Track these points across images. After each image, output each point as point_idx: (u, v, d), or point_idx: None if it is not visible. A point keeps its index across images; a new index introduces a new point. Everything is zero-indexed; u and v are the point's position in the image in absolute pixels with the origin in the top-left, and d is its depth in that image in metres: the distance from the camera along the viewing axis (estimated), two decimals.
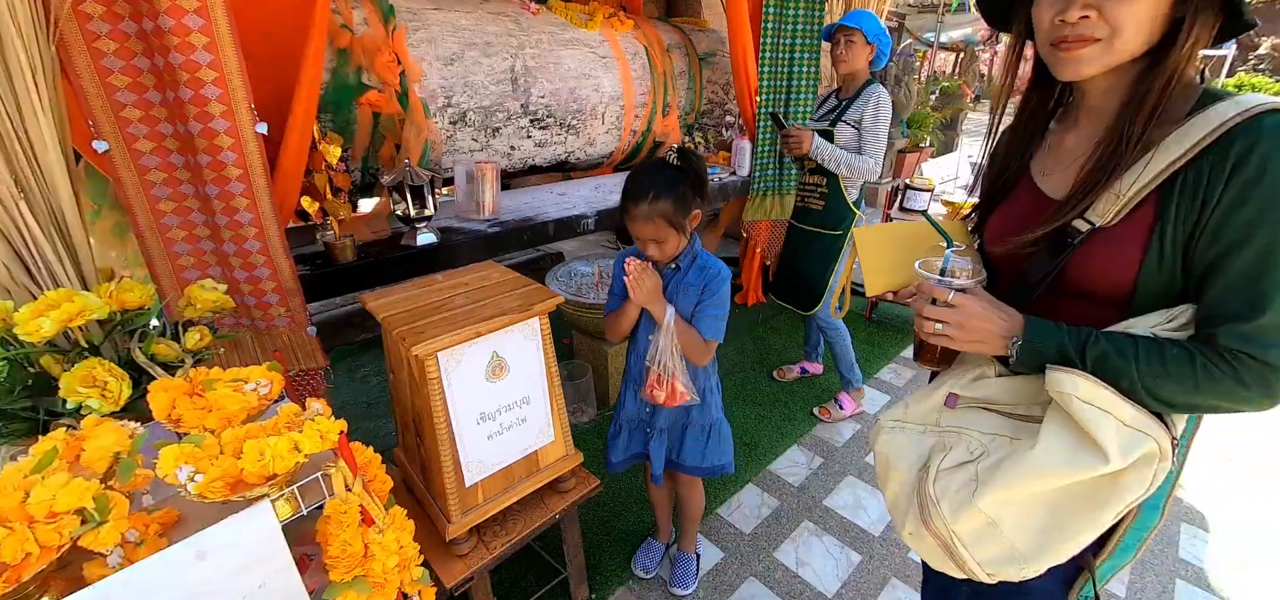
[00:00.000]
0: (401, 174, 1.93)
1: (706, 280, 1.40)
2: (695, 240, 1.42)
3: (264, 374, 1.04)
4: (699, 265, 1.41)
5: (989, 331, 0.78)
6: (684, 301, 1.41)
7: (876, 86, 2.18)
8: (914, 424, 0.93)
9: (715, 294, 1.40)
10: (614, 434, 1.61)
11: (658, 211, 1.30)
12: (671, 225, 1.31)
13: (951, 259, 0.84)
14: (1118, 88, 0.76)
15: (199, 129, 1.52)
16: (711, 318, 1.40)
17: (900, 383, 2.90)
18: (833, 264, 2.34)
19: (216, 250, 1.64)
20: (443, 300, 1.22)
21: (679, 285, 1.42)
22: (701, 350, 1.41)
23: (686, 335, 1.39)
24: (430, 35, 2.31)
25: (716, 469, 1.59)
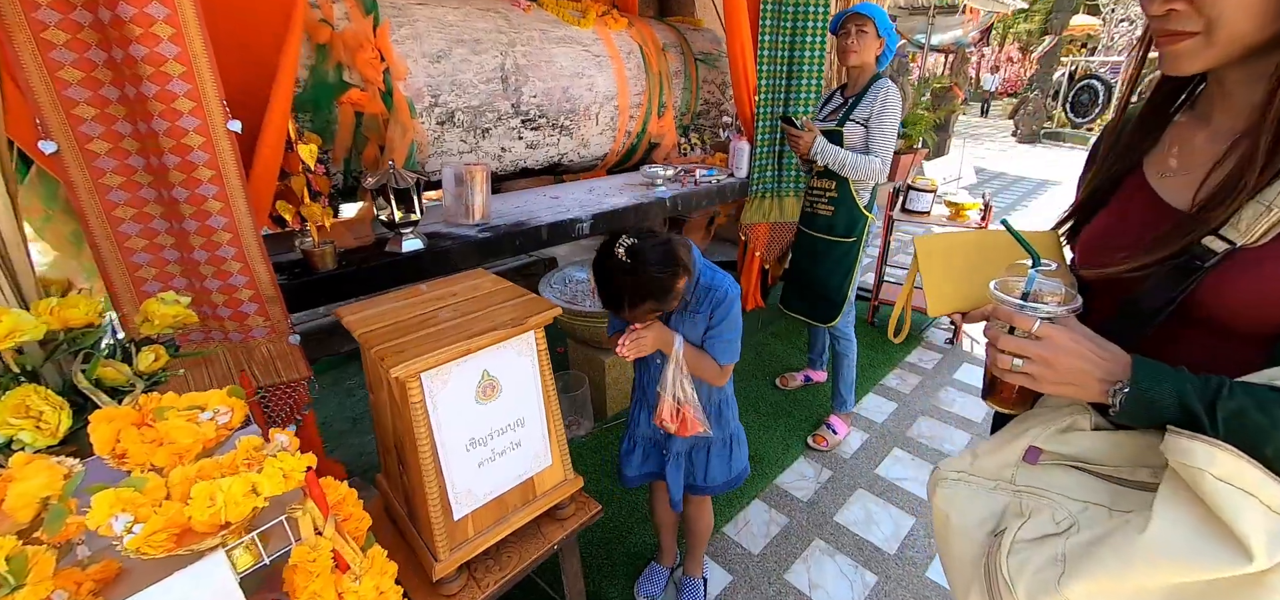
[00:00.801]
0: (385, 176, 1.81)
1: (714, 302, 1.30)
2: (696, 261, 1.30)
3: (224, 400, 0.93)
4: (703, 286, 1.31)
5: (1084, 372, 0.63)
6: (692, 327, 1.32)
7: (885, 81, 2.09)
8: (984, 478, 0.78)
9: (726, 316, 1.30)
10: (628, 449, 1.53)
11: (642, 312, 1.22)
12: (661, 309, 1.24)
13: (1037, 280, 0.70)
14: (1260, 75, 0.60)
15: (165, 127, 1.40)
16: (725, 341, 1.31)
17: (906, 390, 2.81)
18: (850, 272, 2.24)
19: (183, 259, 1.52)
20: (427, 314, 1.11)
21: (684, 313, 1.33)
22: (717, 374, 1.33)
23: (700, 363, 1.31)
24: (416, 31, 2.19)
25: (740, 477, 1.53)
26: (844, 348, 2.38)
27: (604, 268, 1.19)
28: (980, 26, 12.82)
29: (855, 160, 2.08)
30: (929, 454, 2.35)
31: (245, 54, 1.64)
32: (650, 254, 1.15)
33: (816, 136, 2.11)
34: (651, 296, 1.18)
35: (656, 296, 1.18)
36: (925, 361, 3.08)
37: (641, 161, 3.44)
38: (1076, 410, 0.71)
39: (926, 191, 3.07)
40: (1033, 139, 12.07)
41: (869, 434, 2.48)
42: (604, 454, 2.31)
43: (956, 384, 2.87)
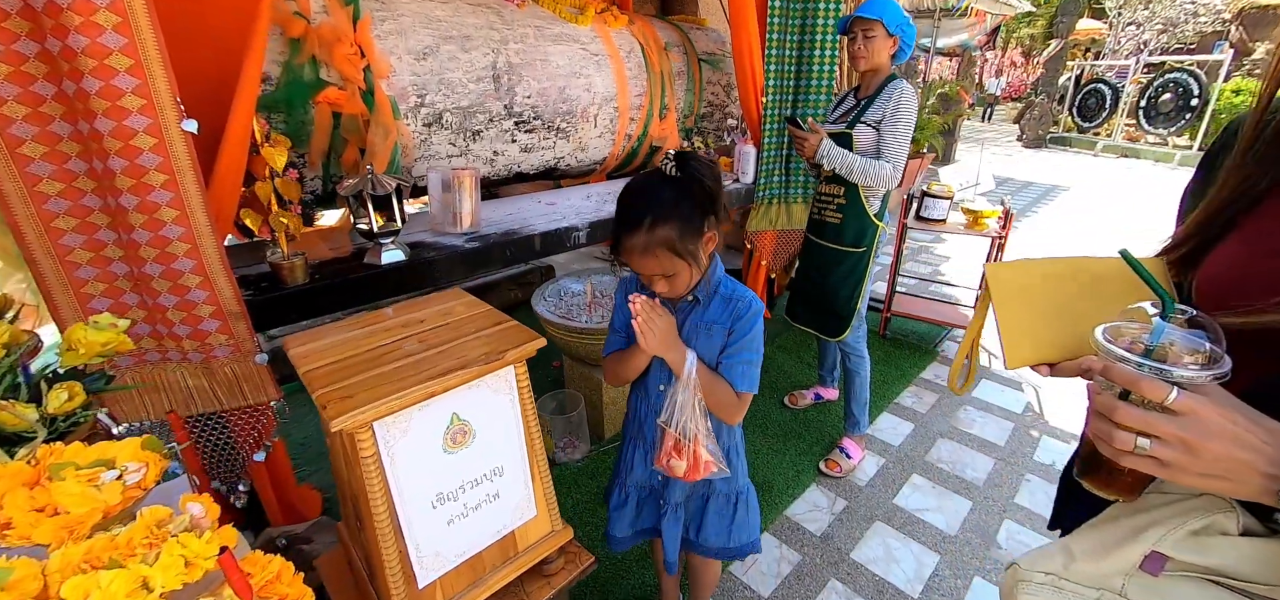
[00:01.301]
0: (362, 182, 1.66)
1: (734, 315, 1.11)
2: (716, 265, 1.15)
3: (136, 454, 0.77)
4: (723, 296, 1.13)
5: (1242, 463, 0.47)
6: (706, 343, 1.13)
7: (899, 82, 1.94)
8: (1083, 586, 0.61)
9: (746, 333, 1.11)
10: (618, 503, 1.32)
11: (660, 241, 1.01)
12: (680, 255, 1.03)
13: (1167, 330, 0.52)
14: None
15: (110, 127, 1.26)
16: (744, 364, 1.11)
17: (923, 409, 2.65)
18: (859, 284, 2.09)
19: (133, 273, 1.37)
20: (387, 346, 0.95)
21: (699, 323, 1.13)
22: (733, 406, 1.13)
23: (713, 388, 1.10)
24: (400, 26, 2.05)
25: (744, 549, 1.30)
26: (856, 364, 2.22)
27: (641, 180, 1.06)
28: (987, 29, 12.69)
29: (864, 165, 1.93)
30: (950, 481, 2.19)
31: (206, 48, 1.50)
32: (700, 164, 1.03)
33: (823, 139, 1.96)
34: (679, 220, 1.00)
35: (681, 225, 1.00)
36: (941, 377, 2.92)
37: (642, 166, 3.29)
38: (1217, 506, 0.54)
39: (943, 198, 2.92)
40: (1039, 144, 11.90)
41: (885, 458, 2.32)
42: (600, 480, 2.16)
43: (976, 403, 2.71)
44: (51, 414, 0.88)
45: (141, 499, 0.76)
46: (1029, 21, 18.10)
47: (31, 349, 1.38)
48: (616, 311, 1.22)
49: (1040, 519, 2.03)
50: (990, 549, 1.90)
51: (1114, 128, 11.10)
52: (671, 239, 1.01)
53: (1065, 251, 4.43)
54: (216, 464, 1.62)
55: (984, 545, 1.91)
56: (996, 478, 2.23)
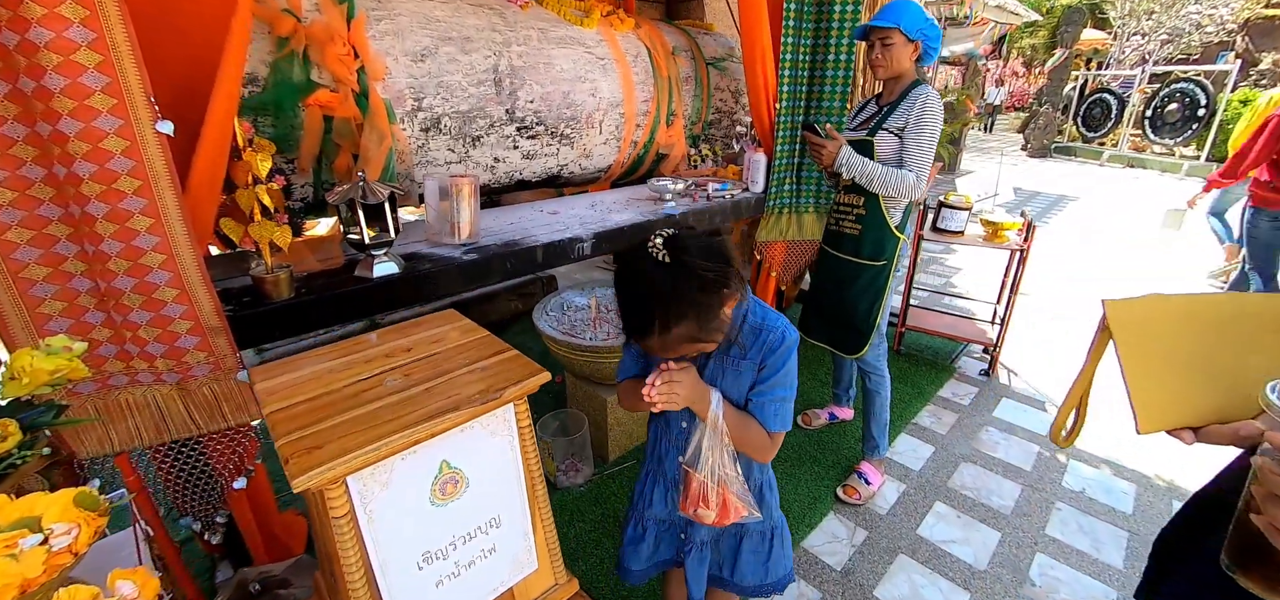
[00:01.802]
0: (352, 189, 1.54)
1: (766, 348, 1.00)
2: (747, 294, 1.02)
3: (66, 513, 0.65)
4: (752, 327, 1.01)
5: None
6: (734, 380, 1.02)
7: (924, 87, 1.83)
8: None
9: (779, 369, 1.00)
10: (634, 537, 1.20)
11: (677, 339, 0.89)
12: (702, 340, 0.92)
13: None
14: None
15: (77, 128, 1.15)
16: (777, 403, 1.00)
17: (942, 430, 2.53)
18: (879, 299, 1.97)
19: (99, 288, 1.26)
20: (367, 381, 0.83)
21: (725, 358, 1.02)
22: (765, 448, 1.02)
23: (742, 430, 1.00)
24: (396, 26, 1.94)
25: (782, 583, 1.20)
26: (875, 384, 2.10)
27: (631, 270, 0.91)
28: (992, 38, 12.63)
29: (885, 174, 1.82)
30: (976, 509, 2.07)
31: (181, 44, 1.39)
32: (696, 249, 0.88)
33: (842, 146, 1.85)
34: (694, 315, 0.87)
35: (700, 317, 0.88)
36: (960, 396, 2.80)
37: (648, 174, 3.18)
38: None
39: (961, 209, 2.80)
40: (1043, 153, 11.82)
41: (905, 484, 2.19)
42: (605, 505, 2.03)
43: (998, 423, 2.58)
44: None
45: (71, 566, 0.65)
46: (1031, 31, 18.09)
47: None
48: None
49: (1073, 552, 1.90)
50: (1022, 587, 1.77)
51: (1119, 138, 11.02)
52: (686, 334, 0.90)
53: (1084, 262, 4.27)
54: (191, 495, 1.50)
55: (1016, 582, 1.78)
56: (1024, 506, 2.10)
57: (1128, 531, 2.00)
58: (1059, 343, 3.41)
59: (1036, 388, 2.90)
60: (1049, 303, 4.00)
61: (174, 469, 1.46)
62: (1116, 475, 2.28)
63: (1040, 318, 3.73)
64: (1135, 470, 2.31)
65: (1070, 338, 3.48)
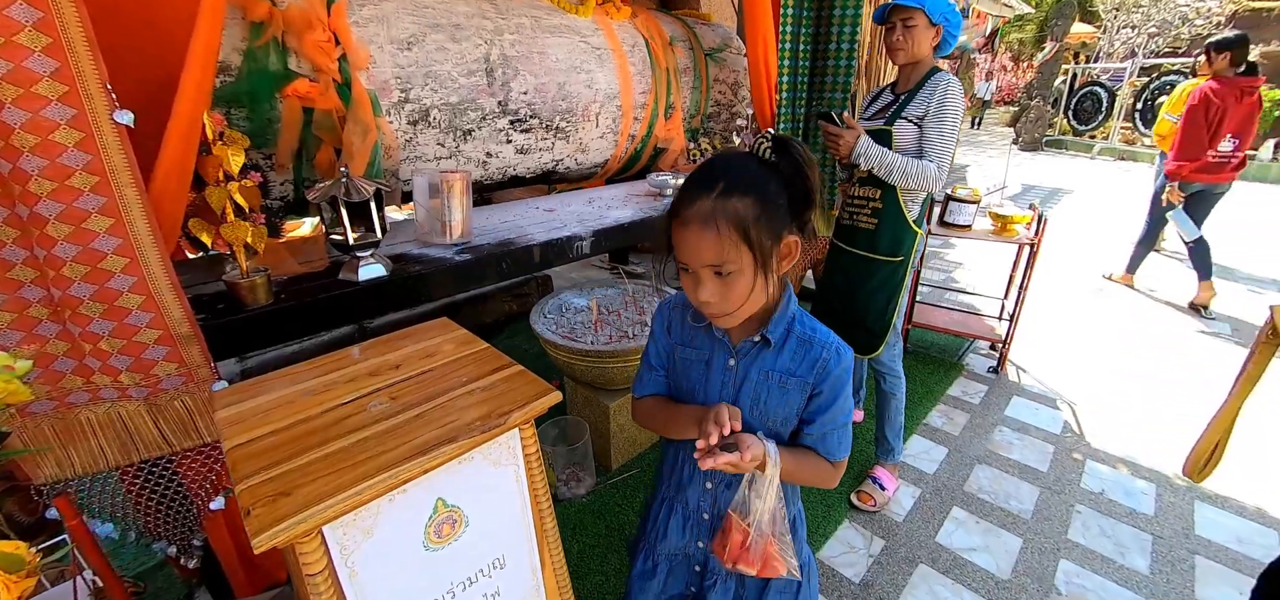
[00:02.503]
0: (333, 186, 1.43)
1: (820, 370, 0.87)
2: (790, 297, 0.91)
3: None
4: (800, 339, 0.88)
5: None
6: (780, 400, 0.89)
7: (944, 75, 1.74)
8: None
9: (838, 396, 0.87)
10: (644, 570, 1.06)
11: (729, 214, 0.78)
12: (749, 244, 0.79)
13: None
14: None
15: (22, 119, 1.04)
16: (840, 430, 0.89)
17: (954, 431, 2.44)
18: (894, 297, 1.87)
19: (52, 297, 1.13)
20: (347, 405, 0.71)
21: (769, 372, 0.89)
22: (829, 476, 0.90)
23: (799, 468, 0.87)
24: (381, 12, 1.82)
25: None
26: (891, 386, 2.01)
27: (723, 153, 0.86)
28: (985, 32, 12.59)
29: (905, 165, 1.72)
30: (995, 514, 1.99)
31: (142, 28, 1.27)
32: (797, 159, 0.82)
33: (860, 136, 1.74)
34: (760, 197, 0.79)
35: (761, 204, 0.79)
36: (970, 394, 2.72)
37: (645, 170, 3.08)
38: None
39: (969, 203, 2.72)
40: (1035, 147, 11.81)
41: (920, 488, 2.10)
42: (609, 519, 1.93)
43: (1011, 422, 2.51)
44: None
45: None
46: (1019, 25, 18.11)
47: None
48: (651, 341, 0.99)
49: (1098, 558, 1.82)
50: (1049, 596, 1.69)
51: (1110, 131, 11.03)
52: (744, 216, 0.78)
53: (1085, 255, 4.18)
54: (164, 518, 1.38)
55: (1042, 592, 1.70)
56: (1044, 509, 2.02)
57: (1151, 535, 1.92)
58: (1066, 338, 3.34)
59: (1047, 385, 2.82)
60: (1053, 297, 3.94)
61: (144, 491, 1.34)
62: (1134, 474, 2.21)
63: (1045, 312, 3.67)
64: (1153, 468, 2.24)
65: (1077, 332, 3.42)
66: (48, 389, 1.18)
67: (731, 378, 0.92)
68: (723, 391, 0.93)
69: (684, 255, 0.83)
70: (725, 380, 0.92)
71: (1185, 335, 3.40)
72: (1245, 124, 3.48)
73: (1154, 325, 3.54)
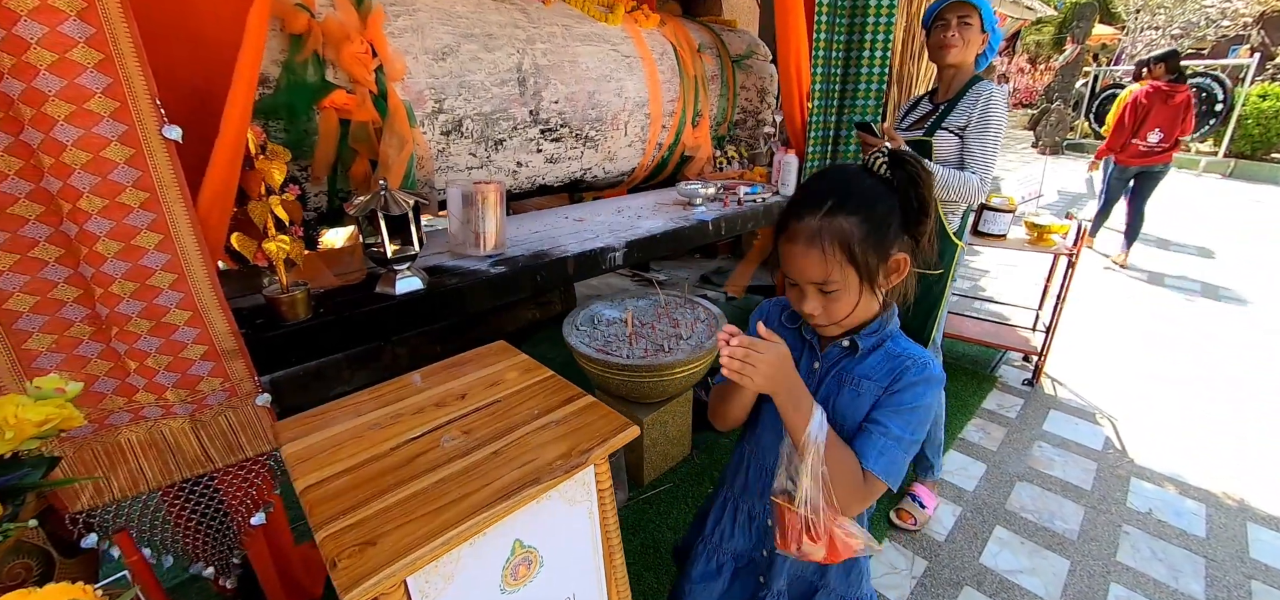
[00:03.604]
0: (374, 199, 1.41)
1: (898, 371, 0.84)
2: (893, 315, 0.89)
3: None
4: (888, 352, 0.86)
5: None
6: (851, 400, 0.86)
7: (987, 84, 1.70)
8: None
9: (910, 402, 0.82)
10: (707, 572, 1.03)
11: (835, 233, 0.78)
12: (854, 263, 0.78)
13: None
14: None
15: (75, 136, 1.03)
16: (889, 439, 0.81)
17: (992, 446, 2.38)
18: (934, 310, 1.83)
19: (97, 316, 1.12)
20: (419, 440, 0.68)
21: (846, 374, 0.87)
22: (853, 488, 0.81)
23: (838, 463, 0.81)
24: (416, 23, 1.81)
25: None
26: None
27: (833, 166, 0.89)
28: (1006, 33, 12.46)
29: (947, 176, 1.68)
30: (1039, 535, 1.93)
31: (185, 43, 1.25)
32: (914, 175, 0.80)
33: (901, 147, 1.70)
34: (870, 216, 0.78)
35: (871, 224, 0.78)
36: (1006, 408, 2.66)
37: (671, 178, 3.04)
38: None
39: (1004, 212, 2.66)
40: (1055, 150, 11.63)
41: (961, 506, 2.05)
42: (645, 534, 1.89)
43: (1050, 438, 2.44)
44: None
45: None
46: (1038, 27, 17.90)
47: None
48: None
49: (1150, 582, 1.76)
50: None
51: None
52: (850, 235, 0.78)
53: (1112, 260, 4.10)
54: (204, 539, 1.36)
55: None
56: (1090, 529, 1.96)
57: (1204, 558, 1.86)
58: (1099, 347, 3.26)
59: (1084, 398, 2.75)
60: (1082, 304, 3.86)
61: (185, 510, 1.33)
62: (1183, 494, 2.14)
63: (1075, 320, 3.59)
64: (1202, 488, 2.17)
65: (1109, 341, 3.34)
66: (88, 410, 1.17)
67: (813, 380, 0.91)
68: None
69: (789, 271, 0.84)
70: (807, 379, 0.90)
71: (1209, 332, 3.31)
72: (1171, 120, 4.35)
73: (1179, 326, 3.44)
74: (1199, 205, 7.02)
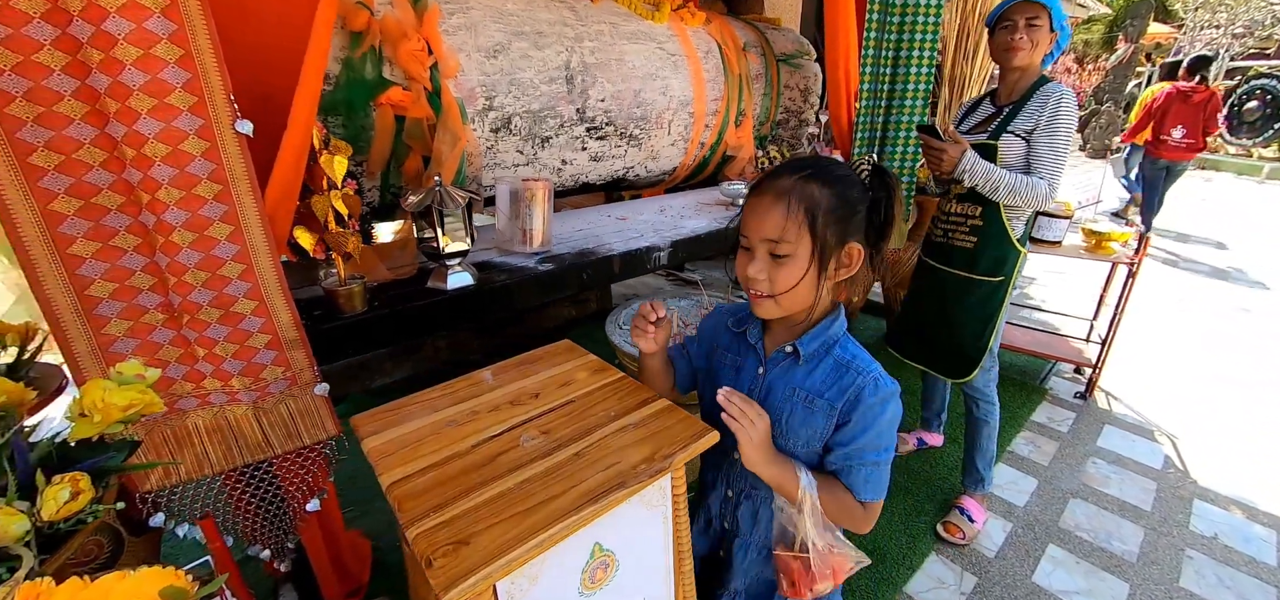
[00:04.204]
0: (431, 195, 1.43)
1: (852, 398, 0.83)
2: (839, 317, 0.89)
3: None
4: (838, 362, 0.85)
5: None
6: (804, 421, 0.85)
7: (1057, 86, 1.63)
8: None
9: (869, 425, 0.82)
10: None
11: (804, 197, 0.79)
12: (812, 234, 0.79)
13: None
14: None
15: (156, 129, 1.06)
16: (869, 467, 0.83)
17: (1043, 461, 2.30)
18: (992, 319, 1.77)
19: (170, 304, 1.15)
20: (498, 439, 0.68)
21: (796, 388, 0.86)
22: (859, 518, 0.84)
23: (834, 501, 0.83)
24: (469, 20, 1.82)
25: None
26: (984, 413, 1.90)
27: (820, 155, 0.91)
28: None
29: (1014, 181, 1.62)
30: (1096, 555, 1.85)
31: (250, 38, 1.28)
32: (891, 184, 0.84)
33: (965, 150, 1.65)
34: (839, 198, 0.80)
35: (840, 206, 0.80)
36: (1057, 421, 2.57)
37: (711, 179, 3.02)
38: None
39: (1060, 218, 2.56)
40: (1104, 153, 11.22)
41: (1011, 522, 1.98)
42: None
43: (1105, 455, 2.35)
44: (49, 521, 0.65)
45: None
46: (1087, 27, 17.24)
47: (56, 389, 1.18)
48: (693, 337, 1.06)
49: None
50: None
51: None
52: (817, 202, 0.79)
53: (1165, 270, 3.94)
54: (262, 522, 1.40)
55: None
56: (1151, 552, 1.87)
57: (1276, 587, 1.76)
58: (1158, 362, 3.13)
59: (1141, 413, 2.64)
60: (1140, 312, 3.70)
61: (244, 494, 1.36)
62: (1250, 519, 2.03)
63: (1132, 330, 3.44)
64: (1271, 513, 2.06)
65: (1172, 356, 3.19)
66: (160, 395, 1.20)
67: (758, 387, 0.91)
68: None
69: (747, 226, 0.85)
70: (752, 388, 0.91)
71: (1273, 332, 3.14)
72: (1193, 120, 4.87)
73: (1239, 325, 3.27)
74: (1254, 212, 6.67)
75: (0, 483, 0.68)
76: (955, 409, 2.43)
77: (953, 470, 2.19)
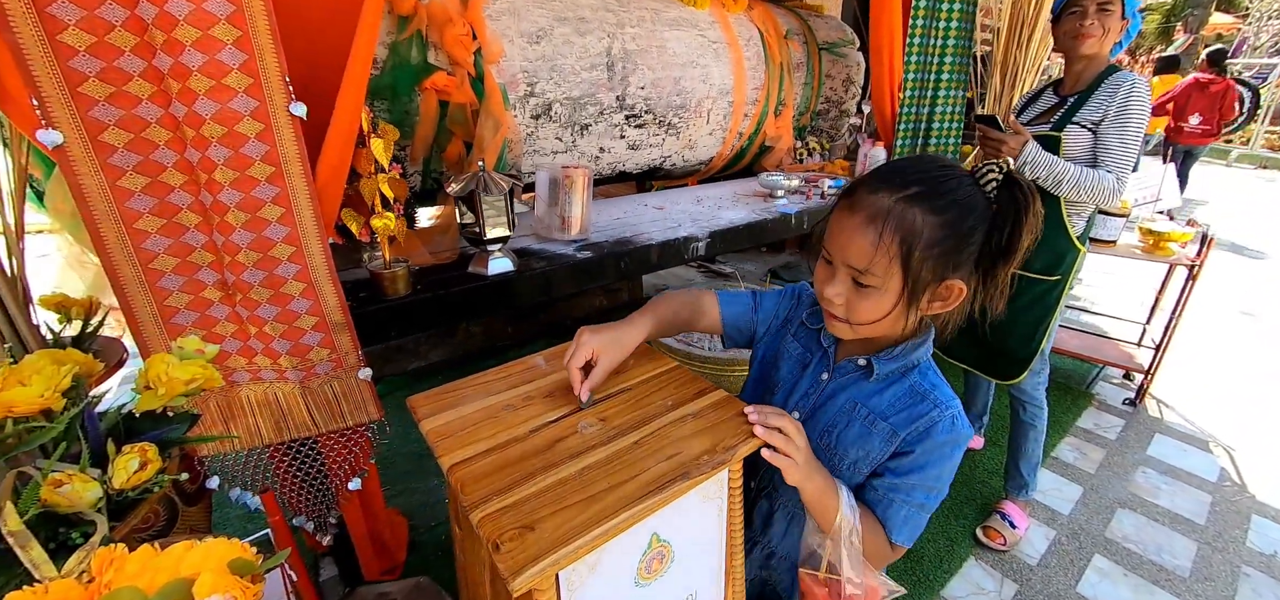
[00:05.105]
0: (474, 180, 1.43)
1: (921, 429, 0.74)
2: (926, 342, 0.79)
3: (220, 583, 0.54)
4: (913, 388, 0.76)
5: None
6: (860, 438, 0.77)
7: (1127, 74, 1.55)
8: None
9: (930, 465, 0.74)
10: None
11: (900, 223, 0.67)
12: (905, 266, 0.68)
13: None
14: None
15: (213, 110, 1.08)
16: (913, 508, 0.75)
17: (1089, 468, 2.22)
18: (1046, 319, 1.71)
19: (225, 282, 1.19)
20: (557, 425, 0.67)
21: (857, 403, 0.78)
22: (879, 556, 0.77)
23: (868, 535, 0.75)
24: (513, 6, 1.82)
25: None
26: (1031, 416, 1.84)
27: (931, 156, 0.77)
28: None
29: (1079, 175, 1.54)
30: (1145, 568, 1.78)
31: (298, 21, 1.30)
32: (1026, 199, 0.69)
33: (1027, 142, 1.58)
34: (951, 223, 0.67)
35: (947, 232, 0.67)
36: (1105, 427, 2.47)
37: (747, 170, 2.98)
38: None
39: (1117, 216, 2.46)
40: (1157, 151, 10.73)
41: (1055, 530, 1.92)
42: None
43: (1156, 464, 2.26)
44: (119, 490, 0.67)
45: None
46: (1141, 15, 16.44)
47: (117, 362, 1.22)
48: (772, 295, 0.96)
49: None
50: None
51: (1252, 135, 9.86)
52: (917, 234, 0.67)
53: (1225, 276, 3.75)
54: (306, 496, 1.44)
55: None
56: (1204, 568, 1.80)
57: None
58: (1209, 368, 2.99)
59: (1195, 423, 2.53)
60: (1195, 322, 3.54)
61: (290, 468, 1.40)
62: None
63: (1184, 338, 3.29)
64: None
65: (1221, 362, 3.05)
66: (218, 368, 1.24)
67: (818, 392, 0.83)
68: (804, 401, 0.85)
69: (832, 240, 0.73)
70: (810, 391, 0.84)
71: None
72: (1210, 108, 5.49)
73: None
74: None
75: (73, 451, 0.71)
76: (997, 411, 2.37)
77: (993, 473, 2.13)
